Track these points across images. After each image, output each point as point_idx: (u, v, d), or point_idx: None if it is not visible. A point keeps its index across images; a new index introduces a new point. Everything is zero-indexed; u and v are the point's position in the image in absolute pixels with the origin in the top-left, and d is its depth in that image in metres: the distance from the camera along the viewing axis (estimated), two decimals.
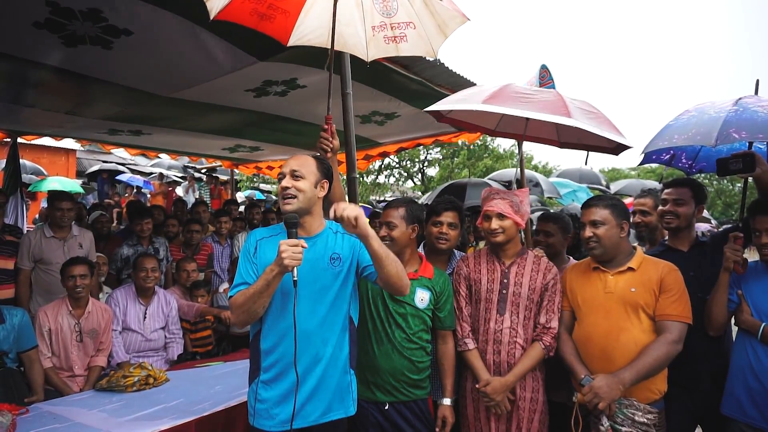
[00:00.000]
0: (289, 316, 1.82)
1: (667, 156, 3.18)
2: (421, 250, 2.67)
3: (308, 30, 2.64)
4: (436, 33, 2.69)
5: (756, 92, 2.60)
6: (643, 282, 2.19)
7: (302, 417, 1.89)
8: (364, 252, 1.92)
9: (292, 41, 2.65)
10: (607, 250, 2.25)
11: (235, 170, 9.05)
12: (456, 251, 2.77)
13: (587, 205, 2.33)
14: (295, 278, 1.74)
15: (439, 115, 3.09)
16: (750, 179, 2.48)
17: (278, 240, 1.79)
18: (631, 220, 2.39)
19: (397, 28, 2.68)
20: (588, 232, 2.25)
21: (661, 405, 2.19)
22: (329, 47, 2.61)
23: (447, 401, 2.34)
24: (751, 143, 2.54)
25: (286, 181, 1.89)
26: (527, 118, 2.81)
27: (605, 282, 2.26)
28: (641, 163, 3.12)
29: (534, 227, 4.66)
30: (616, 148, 2.90)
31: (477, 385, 2.29)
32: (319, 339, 1.92)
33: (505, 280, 2.37)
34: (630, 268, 2.24)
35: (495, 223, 2.37)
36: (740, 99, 2.48)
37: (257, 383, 1.94)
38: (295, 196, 1.88)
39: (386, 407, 2.28)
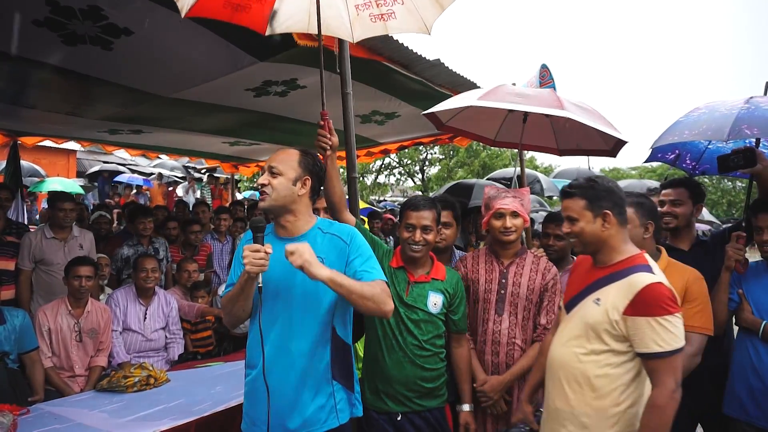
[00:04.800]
0: (264, 322, 1.77)
1: (672, 156, 3.18)
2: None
3: (286, 16, 2.50)
4: (429, 6, 2.48)
5: (765, 93, 2.60)
6: None
7: (280, 427, 1.79)
8: (355, 262, 1.82)
9: (270, 30, 2.52)
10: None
11: (236, 173, 9.05)
12: (457, 251, 2.76)
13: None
14: (260, 284, 1.67)
15: (439, 123, 3.09)
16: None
17: (265, 241, 1.73)
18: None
19: (384, 5, 2.50)
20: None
21: None
22: (309, 32, 2.48)
23: (466, 407, 2.27)
24: (758, 141, 2.54)
25: (263, 178, 1.82)
26: (523, 125, 2.84)
27: None
28: (647, 160, 3.12)
29: (536, 228, 4.65)
30: (613, 149, 2.92)
31: (474, 384, 2.27)
32: (295, 348, 1.80)
33: (504, 280, 2.35)
34: None
35: (509, 222, 2.32)
36: (751, 98, 2.48)
37: (245, 386, 1.92)
38: (269, 194, 1.81)
39: (399, 418, 2.18)
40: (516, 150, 3.49)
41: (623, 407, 1.69)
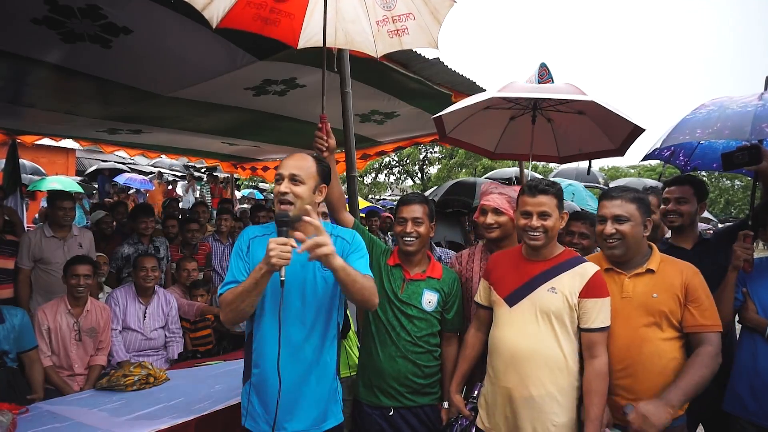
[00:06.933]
0: (276, 318, 1.77)
1: (667, 153, 3.16)
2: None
3: (316, 30, 2.62)
4: (432, 21, 2.65)
5: (765, 89, 2.57)
6: (665, 287, 1.95)
7: (291, 422, 1.84)
8: (352, 260, 1.89)
9: (302, 43, 2.64)
10: (630, 250, 2.01)
11: (235, 173, 9.05)
12: (448, 250, 2.75)
13: (610, 197, 2.04)
14: (283, 278, 1.68)
15: (442, 133, 3.07)
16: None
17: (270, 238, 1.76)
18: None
19: (398, 20, 2.65)
20: (610, 228, 2.00)
21: (683, 419, 1.98)
22: (336, 46, 2.60)
23: (446, 405, 2.27)
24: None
25: (285, 186, 1.81)
26: (532, 125, 2.81)
27: (621, 285, 2.01)
28: (644, 158, 3.07)
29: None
30: (621, 147, 2.84)
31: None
32: (307, 343, 1.86)
33: None
34: (649, 270, 2.00)
35: (491, 218, 2.33)
36: (763, 94, 2.43)
37: (249, 384, 1.91)
38: (292, 203, 1.80)
39: (391, 413, 2.20)
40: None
41: (578, 379, 1.93)
